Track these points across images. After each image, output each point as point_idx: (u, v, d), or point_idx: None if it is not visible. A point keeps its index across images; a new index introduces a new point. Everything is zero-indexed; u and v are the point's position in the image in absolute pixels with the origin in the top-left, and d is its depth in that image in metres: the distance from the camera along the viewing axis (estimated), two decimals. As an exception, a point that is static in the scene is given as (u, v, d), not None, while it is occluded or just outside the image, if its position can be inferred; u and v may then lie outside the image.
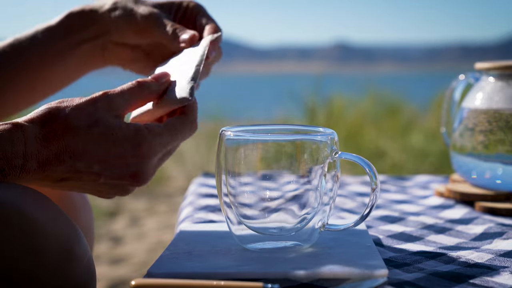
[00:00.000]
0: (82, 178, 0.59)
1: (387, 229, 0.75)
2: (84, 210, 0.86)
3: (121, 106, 0.60)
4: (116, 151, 0.59)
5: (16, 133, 0.55)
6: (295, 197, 0.60)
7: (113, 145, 0.58)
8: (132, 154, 0.59)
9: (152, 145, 0.60)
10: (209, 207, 0.86)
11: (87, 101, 0.59)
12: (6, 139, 0.55)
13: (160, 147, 0.61)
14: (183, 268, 0.58)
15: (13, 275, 0.51)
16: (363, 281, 0.55)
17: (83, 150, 0.57)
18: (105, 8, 0.76)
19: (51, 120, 0.57)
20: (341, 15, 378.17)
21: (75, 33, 0.76)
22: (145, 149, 0.60)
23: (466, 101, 0.93)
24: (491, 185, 0.88)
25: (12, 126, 0.56)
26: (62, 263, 0.54)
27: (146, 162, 0.61)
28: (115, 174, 0.60)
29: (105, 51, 0.78)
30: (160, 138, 0.61)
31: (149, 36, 0.74)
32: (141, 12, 0.73)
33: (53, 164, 0.57)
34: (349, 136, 4.25)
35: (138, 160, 0.60)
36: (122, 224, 3.15)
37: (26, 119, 0.57)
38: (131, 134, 0.59)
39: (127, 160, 0.60)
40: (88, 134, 0.58)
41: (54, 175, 0.58)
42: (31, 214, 0.53)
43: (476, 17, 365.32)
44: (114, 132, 0.58)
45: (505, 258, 0.63)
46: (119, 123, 0.59)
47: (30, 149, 0.55)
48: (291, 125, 0.67)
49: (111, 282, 2.28)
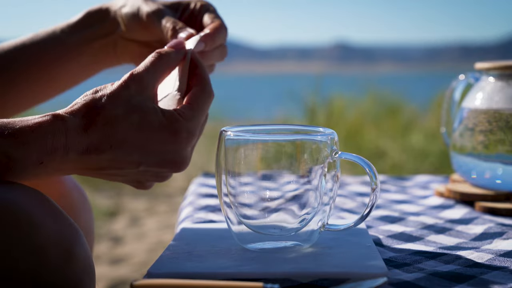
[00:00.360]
0: (122, 167, 0.61)
1: (387, 229, 0.75)
2: (84, 210, 0.86)
3: (150, 83, 0.61)
4: (155, 139, 0.60)
5: (57, 125, 0.56)
6: (295, 197, 0.60)
7: (151, 133, 0.59)
8: (170, 141, 0.60)
9: (188, 130, 0.61)
10: (209, 207, 0.86)
11: (120, 87, 0.60)
12: (47, 132, 0.56)
13: (195, 130, 0.62)
14: (183, 268, 0.58)
15: (13, 275, 0.51)
16: (363, 281, 0.55)
17: (123, 139, 0.58)
18: (117, 6, 0.78)
19: (90, 111, 0.58)
20: (341, 15, 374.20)
21: (90, 30, 0.78)
22: (183, 136, 0.61)
23: (466, 101, 0.93)
24: (491, 185, 0.88)
25: (53, 118, 0.57)
26: (62, 263, 0.54)
27: (184, 148, 0.62)
28: (154, 161, 0.61)
29: (117, 48, 0.79)
30: (192, 121, 0.62)
31: (153, 31, 0.75)
32: (147, 9, 0.75)
33: (93, 153, 0.58)
34: (349, 136, 4.25)
35: (176, 147, 0.61)
36: (122, 224, 3.15)
37: (65, 111, 0.58)
38: (167, 121, 0.60)
39: (166, 147, 0.61)
40: (126, 122, 0.59)
41: (94, 164, 0.59)
42: (31, 214, 0.53)
43: (476, 17, 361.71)
44: (151, 119, 0.59)
45: (505, 258, 0.63)
46: (155, 109, 0.60)
47: (70, 140, 0.57)
48: (291, 125, 0.67)
49: (111, 282, 2.28)
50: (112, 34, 0.78)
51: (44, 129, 0.56)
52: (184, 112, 0.62)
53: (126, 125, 0.58)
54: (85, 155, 0.58)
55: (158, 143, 0.60)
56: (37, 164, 0.56)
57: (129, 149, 0.59)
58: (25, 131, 0.55)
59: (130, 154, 0.60)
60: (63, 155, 0.57)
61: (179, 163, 0.63)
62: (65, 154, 0.57)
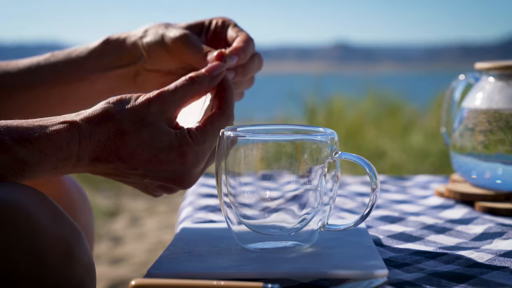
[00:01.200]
0: (129, 176, 0.62)
1: (387, 229, 0.75)
2: (84, 210, 0.86)
3: (172, 107, 0.62)
4: (163, 158, 0.61)
5: (72, 133, 0.58)
6: (295, 197, 0.60)
7: (160, 152, 0.61)
8: (178, 162, 0.61)
9: (197, 154, 0.62)
10: (209, 207, 0.86)
11: (141, 104, 0.61)
12: (63, 140, 0.57)
13: (205, 154, 0.63)
14: (183, 268, 0.58)
15: (14, 276, 0.51)
16: (363, 281, 0.55)
17: (132, 153, 0.60)
18: (137, 36, 0.76)
19: (106, 121, 0.59)
20: (341, 15, 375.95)
21: (108, 58, 0.77)
22: (191, 159, 0.62)
23: (466, 101, 0.93)
24: (491, 185, 0.88)
25: (69, 126, 0.58)
26: (62, 263, 0.54)
27: (192, 170, 0.63)
28: (160, 177, 0.63)
29: (137, 78, 0.77)
30: (204, 145, 0.63)
31: (180, 58, 0.74)
32: (171, 35, 0.73)
33: (102, 162, 0.60)
34: (349, 136, 4.25)
35: (183, 168, 0.62)
36: (122, 224, 3.15)
37: (83, 117, 0.59)
38: (177, 142, 0.61)
39: (173, 166, 0.62)
40: (138, 138, 0.60)
41: (103, 170, 0.61)
42: (32, 214, 0.53)
43: (476, 17, 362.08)
44: (163, 139, 0.60)
45: (505, 258, 0.63)
46: (168, 131, 0.61)
47: (83, 149, 0.58)
48: (291, 125, 0.67)
49: (111, 282, 2.28)
50: (132, 65, 0.76)
51: (61, 137, 0.57)
52: (196, 135, 0.62)
53: (137, 141, 0.60)
54: (95, 162, 0.60)
55: (165, 163, 0.61)
56: (51, 169, 0.58)
57: (136, 163, 0.60)
58: (43, 139, 0.57)
59: (137, 168, 0.61)
60: (76, 162, 0.59)
61: (185, 182, 0.64)
62: (77, 161, 0.59)
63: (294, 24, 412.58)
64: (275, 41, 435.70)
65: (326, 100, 4.82)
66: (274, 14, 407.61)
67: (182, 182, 0.63)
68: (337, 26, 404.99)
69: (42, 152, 0.56)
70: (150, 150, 0.60)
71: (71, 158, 0.58)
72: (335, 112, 4.63)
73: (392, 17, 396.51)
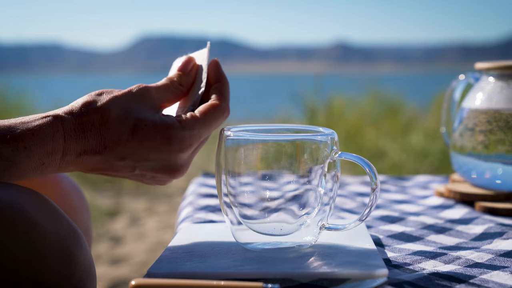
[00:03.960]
0: (118, 169, 0.62)
1: (387, 229, 0.75)
2: (81, 209, 0.86)
3: (156, 99, 0.62)
4: (148, 144, 0.60)
5: (56, 126, 0.57)
6: (295, 197, 0.60)
7: (145, 138, 0.60)
8: (164, 148, 0.61)
9: (183, 138, 0.62)
10: (209, 207, 0.86)
11: (124, 93, 0.61)
12: (47, 134, 0.57)
13: (192, 139, 0.62)
14: (183, 268, 0.58)
15: (13, 276, 0.51)
16: (363, 281, 0.55)
17: (118, 141, 0.59)
18: None
19: (89, 111, 0.59)
20: (341, 15, 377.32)
21: None
22: (177, 143, 0.61)
23: (466, 101, 0.93)
24: (491, 185, 0.88)
25: (53, 120, 0.58)
26: (61, 263, 0.54)
27: (179, 156, 0.62)
28: (148, 167, 0.62)
29: None
30: (192, 131, 0.62)
31: None
32: None
33: (90, 154, 0.59)
34: (349, 136, 4.25)
35: (170, 154, 0.62)
36: (122, 224, 3.15)
37: (65, 110, 0.59)
38: (162, 127, 0.61)
39: (160, 154, 0.61)
40: (123, 126, 0.59)
41: (91, 165, 0.60)
42: (31, 215, 0.53)
43: (476, 17, 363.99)
44: (146, 123, 0.60)
45: (505, 258, 0.63)
46: (152, 115, 0.61)
47: (68, 142, 0.58)
48: (291, 125, 0.67)
49: (111, 282, 2.28)
50: None
51: (44, 131, 0.57)
52: (184, 120, 0.62)
53: (122, 128, 0.59)
54: (83, 155, 0.59)
55: (152, 149, 0.61)
56: (39, 165, 0.57)
57: (124, 152, 0.60)
58: (26, 135, 0.56)
59: (123, 159, 0.60)
60: (62, 156, 0.58)
61: (174, 170, 0.63)
62: (64, 156, 0.58)
63: (294, 24, 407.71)
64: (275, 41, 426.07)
65: (326, 100, 4.82)
66: (274, 14, 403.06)
67: (170, 170, 0.63)
68: (337, 26, 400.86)
69: (27, 148, 0.56)
70: (135, 136, 0.60)
71: (58, 152, 0.57)
72: (335, 112, 4.63)
73: (392, 17, 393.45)
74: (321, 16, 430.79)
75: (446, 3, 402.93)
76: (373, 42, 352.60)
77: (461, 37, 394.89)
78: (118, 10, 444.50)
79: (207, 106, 0.64)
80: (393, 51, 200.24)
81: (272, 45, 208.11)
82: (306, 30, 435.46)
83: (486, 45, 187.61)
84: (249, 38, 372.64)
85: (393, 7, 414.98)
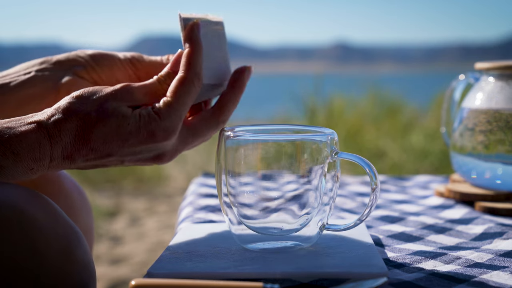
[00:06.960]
0: (106, 164, 0.62)
1: (387, 229, 0.75)
2: (84, 210, 0.86)
3: (139, 101, 0.62)
4: (134, 141, 0.61)
5: (42, 133, 0.57)
6: (295, 197, 0.60)
7: (129, 135, 0.60)
8: (148, 141, 0.61)
9: (166, 128, 0.61)
10: (209, 207, 0.86)
11: (108, 94, 0.61)
12: (34, 142, 0.57)
13: (173, 124, 0.62)
14: (183, 268, 0.58)
15: (13, 277, 0.51)
16: (363, 281, 0.55)
17: (104, 142, 0.59)
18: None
19: (73, 116, 0.59)
20: (341, 15, 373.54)
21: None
22: (161, 135, 0.61)
23: (466, 101, 0.93)
24: (491, 185, 0.88)
25: (37, 127, 0.58)
26: (62, 264, 0.54)
27: (165, 145, 0.63)
28: (137, 158, 0.63)
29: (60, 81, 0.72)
30: (170, 118, 0.62)
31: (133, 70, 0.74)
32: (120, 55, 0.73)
33: (77, 156, 0.59)
34: (349, 136, 4.25)
35: (156, 145, 0.62)
36: (122, 224, 3.15)
37: (49, 115, 0.59)
38: (143, 122, 0.61)
39: (147, 146, 0.62)
40: (106, 127, 0.59)
41: (80, 163, 0.61)
42: (31, 216, 0.53)
43: (476, 17, 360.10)
44: (129, 121, 0.60)
45: (505, 258, 0.63)
46: (132, 112, 0.61)
47: (55, 148, 0.58)
48: (291, 125, 0.67)
49: (111, 282, 2.28)
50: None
51: (31, 139, 0.57)
52: (160, 109, 0.62)
53: (105, 129, 0.59)
54: (70, 158, 0.59)
55: (138, 143, 0.61)
56: (27, 170, 0.57)
57: (111, 151, 0.60)
58: (13, 141, 0.56)
59: (112, 155, 0.61)
60: (51, 161, 0.58)
61: (161, 158, 0.64)
62: (52, 161, 0.58)
63: (294, 24, 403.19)
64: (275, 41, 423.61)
65: (326, 100, 4.82)
66: (274, 14, 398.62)
67: (158, 158, 0.64)
68: (337, 26, 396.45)
69: (15, 153, 0.56)
70: (120, 135, 0.60)
71: (45, 159, 0.58)
72: (335, 112, 4.64)
73: (392, 17, 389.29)
74: (321, 16, 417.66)
75: (446, 3, 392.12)
76: (373, 42, 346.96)
77: (461, 37, 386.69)
78: (118, 10, 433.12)
79: (175, 82, 0.63)
80: (393, 51, 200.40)
81: (272, 45, 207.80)
82: (306, 30, 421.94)
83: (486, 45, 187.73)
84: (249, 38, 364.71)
85: (393, 7, 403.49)
